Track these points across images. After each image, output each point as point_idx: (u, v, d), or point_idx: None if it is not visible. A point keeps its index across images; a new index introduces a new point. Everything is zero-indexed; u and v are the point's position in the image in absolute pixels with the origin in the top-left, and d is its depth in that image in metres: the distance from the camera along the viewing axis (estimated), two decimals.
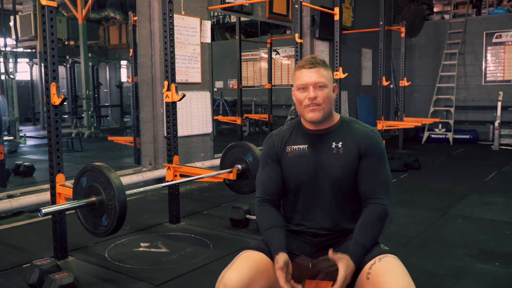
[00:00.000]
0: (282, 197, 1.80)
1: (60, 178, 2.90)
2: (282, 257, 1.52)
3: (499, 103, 8.23)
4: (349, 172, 1.68)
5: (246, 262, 1.55)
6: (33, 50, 11.85)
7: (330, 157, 1.69)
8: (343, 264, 1.48)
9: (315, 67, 1.66)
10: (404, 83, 7.87)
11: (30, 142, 9.23)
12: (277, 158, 1.77)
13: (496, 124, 8.14)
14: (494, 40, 9.14)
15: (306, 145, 1.73)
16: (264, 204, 1.75)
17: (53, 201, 2.94)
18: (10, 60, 7.74)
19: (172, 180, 3.65)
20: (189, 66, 5.43)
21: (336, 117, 1.76)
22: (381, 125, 7.20)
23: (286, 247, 1.62)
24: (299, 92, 1.68)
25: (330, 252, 1.49)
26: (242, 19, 7.51)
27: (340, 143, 1.70)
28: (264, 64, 9.00)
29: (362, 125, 1.75)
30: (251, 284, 1.49)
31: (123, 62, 13.15)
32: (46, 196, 3.94)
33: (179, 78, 5.22)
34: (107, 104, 13.07)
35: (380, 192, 1.67)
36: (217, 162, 4.99)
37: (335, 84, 1.75)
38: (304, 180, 1.70)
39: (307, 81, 1.66)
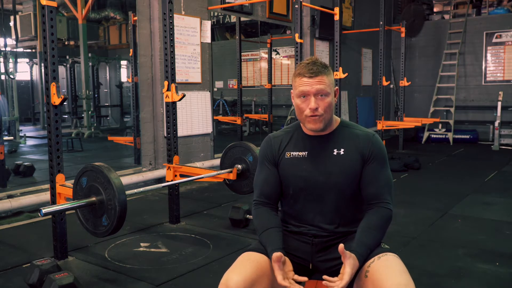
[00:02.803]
0: (280, 199, 1.79)
1: (60, 178, 2.90)
2: (276, 255, 1.51)
3: (499, 103, 8.23)
4: (351, 177, 1.66)
5: (248, 264, 1.54)
6: (33, 50, 11.86)
7: (331, 163, 1.67)
8: (350, 262, 1.47)
9: (317, 76, 1.61)
10: (404, 83, 7.87)
11: (30, 142, 9.23)
12: (275, 161, 1.75)
13: (496, 124, 8.14)
14: (494, 40, 9.14)
15: (306, 152, 1.71)
16: (260, 207, 1.74)
17: (53, 201, 2.94)
18: (10, 60, 7.74)
19: (172, 180, 3.65)
20: (189, 66, 5.43)
21: (336, 121, 1.74)
22: (381, 125, 7.20)
23: (285, 248, 1.61)
24: (300, 100, 1.64)
25: (341, 246, 1.47)
26: (242, 19, 7.51)
27: (342, 149, 1.68)
28: (264, 64, 9.00)
29: (362, 129, 1.73)
30: (253, 286, 1.48)
31: (123, 62, 13.16)
32: (46, 196, 3.94)
33: (179, 78, 5.22)
34: (107, 104, 13.08)
35: (385, 196, 1.66)
36: (217, 162, 4.99)
37: (336, 87, 1.72)
38: (304, 186, 1.69)
39: (309, 90, 1.61)
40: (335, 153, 1.68)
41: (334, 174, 1.66)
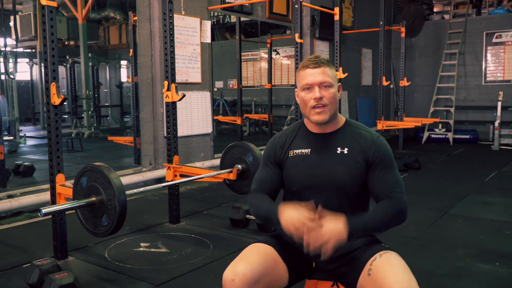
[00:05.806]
0: (284, 199, 1.79)
1: (60, 178, 2.90)
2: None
3: (499, 103, 8.23)
4: (354, 177, 1.65)
5: (257, 254, 1.55)
6: (33, 50, 11.86)
7: (335, 162, 1.66)
8: (331, 221, 1.48)
9: (320, 66, 1.63)
10: (404, 83, 7.87)
11: (30, 142, 9.23)
12: (278, 161, 1.75)
13: (496, 124, 8.14)
14: (494, 40, 9.14)
15: (309, 149, 1.70)
16: (256, 192, 1.72)
17: (53, 201, 2.94)
18: (10, 60, 7.75)
19: (172, 180, 3.65)
20: (189, 66, 5.43)
21: (341, 119, 1.73)
22: (381, 125, 7.20)
23: (288, 246, 1.62)
24: (304, 92, 1.65)
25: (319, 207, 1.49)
26: (242, 19, 7.51)
27: (346, 148, 1.67)
28: (264, 64, 9.00)
29: (368, 131, 1.72)
30: (261, 277, 1.49)
31: (123, 62, 13.17)
32: (46, 196, 3.94)
33: (179, 78, 5.22)
34: (107, 104, 13.09)
35: (396, 189, 1.62)
36: (217, 162, 4.99)
37: (339, 83, 1.72)
38: (307, 184, 1.68)
39: (312, 81, 1.62)
40: (338, 152, 1.67)
41: (337, 173, 1.65)
